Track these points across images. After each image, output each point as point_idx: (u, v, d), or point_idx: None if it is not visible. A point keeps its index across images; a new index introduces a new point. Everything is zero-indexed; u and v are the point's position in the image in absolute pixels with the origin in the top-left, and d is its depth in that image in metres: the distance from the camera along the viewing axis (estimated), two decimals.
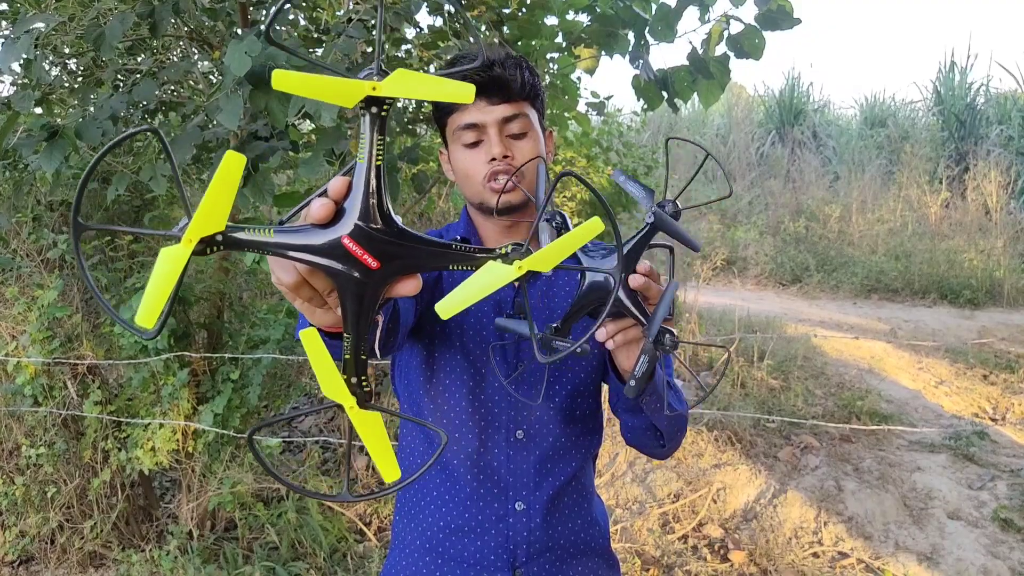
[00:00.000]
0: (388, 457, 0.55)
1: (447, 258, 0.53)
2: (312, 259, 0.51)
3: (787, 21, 1.88)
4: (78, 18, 1.97)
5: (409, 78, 0.48)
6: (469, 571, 1.04)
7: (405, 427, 1.14)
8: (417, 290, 0.55)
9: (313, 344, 0.51)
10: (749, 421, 3.66)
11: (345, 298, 0.52)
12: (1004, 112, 10.18)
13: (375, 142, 0.49)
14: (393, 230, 0.51)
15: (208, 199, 0.46)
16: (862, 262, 7.49)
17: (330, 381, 0.53)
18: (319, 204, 0.50)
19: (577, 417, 1.07)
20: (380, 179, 0.50)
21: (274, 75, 0.46)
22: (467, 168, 1.02)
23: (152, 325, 0.46)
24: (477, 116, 1.00)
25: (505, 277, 0.51)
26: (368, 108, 0.49)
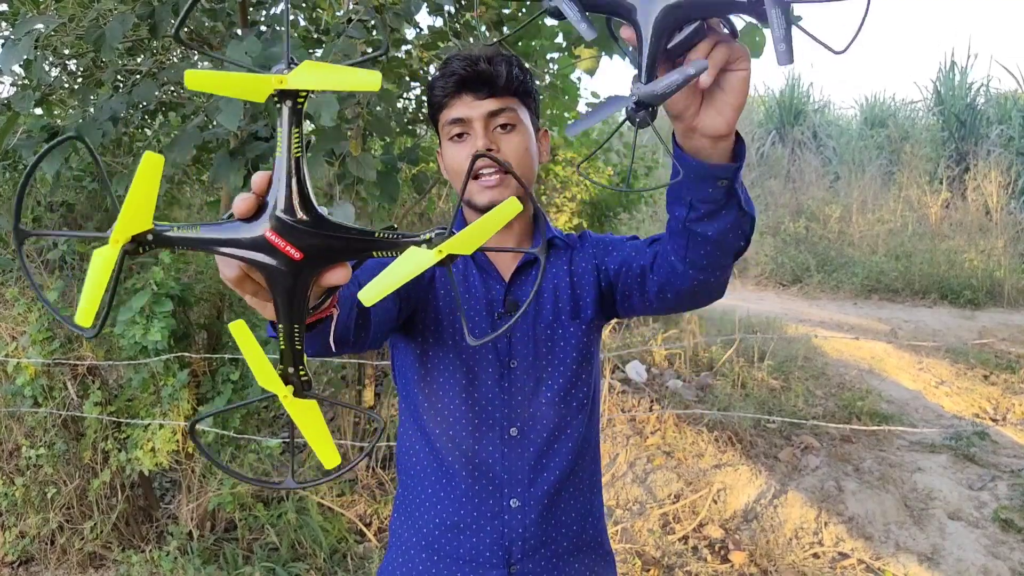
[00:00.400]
0: (326, 444, 0.56)
1: (371, 245, 0.54)
2: (238, 253, 0.52)
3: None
4: (78, 19, 1.97)
5: (316, 69, 0.49)
6: (465, 568, 1.04)
7: (403, 425, 1.14)
8: (346, 279, 0.56)
9: (243, 336, 0.53)
10: (749, 421, 3.66)
11: (274, 290, 0.53)
12: (1004, 112, 10.18)
13: (292, 134, 0.50)
14: (315, 221, 0.52)
15: (130, 200, 0.47)
16: (862, 262, 7.49)
17: (263, 371, 0.54)
18: (241, 199, 0.51)
19: (574, 409, 1.07)
20: (300, 171, 0.51)
21: (186, 75, 0.47)
22: (453, 163, 1.03)
23: (90, 323, 0.48)
24: (463, 111, 1.01)
25: (426, 262, 0.52)
26: (283, 101, 0.50)
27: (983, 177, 8.55)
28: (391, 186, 2.02)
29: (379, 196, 2.05)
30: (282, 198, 0.51)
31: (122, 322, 2.37)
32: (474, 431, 1.04)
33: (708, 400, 3.97)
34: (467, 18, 2.34)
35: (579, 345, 1.07)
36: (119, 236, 0.48)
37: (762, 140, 11.86)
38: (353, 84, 0.49)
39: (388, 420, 3.14)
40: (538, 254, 0.57)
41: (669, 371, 4.38)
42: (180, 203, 3.24)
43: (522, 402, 1.05)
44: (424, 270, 0.52)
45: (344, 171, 1.85)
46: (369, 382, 3.34)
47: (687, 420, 3.66)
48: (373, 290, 0.52)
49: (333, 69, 0.49)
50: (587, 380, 1.09)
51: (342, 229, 0.53)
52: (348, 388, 3.22)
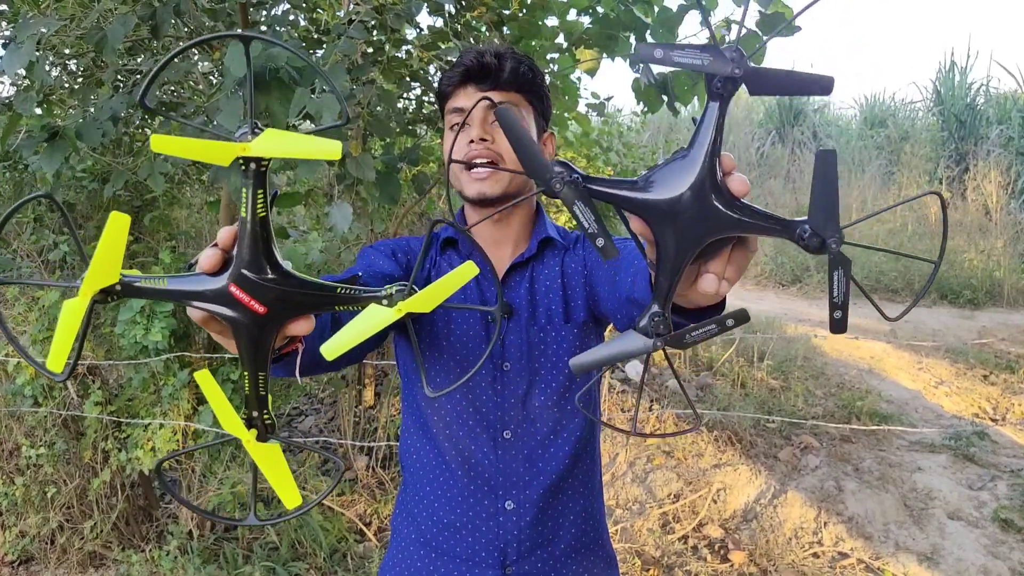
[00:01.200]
0: (288, 486, 0.59)
1: (333, 301, 0.56)
2: (204, 306, 0.54)
3: (787, 28, 1.89)
4: (78, 19, 1.97)
5: (278, 137, 0.51)
6: (461, 566, 1.05)
7: (405, 423, 1.15)
8: (309, 329, 0.57)
9: (208, 384, 0.55)
10: (749, 421, 3.66)
11: (238, 340, 0.56)
12: (1004, 112, 10.18)
13: (256, 197, 0.52)
14: (279, 277, 0.54)
15: (98, 257, 0.50)
16: (862, 262, 7.49)
17: (226, 417, 0.56)
18: (207, 255, 0.53)
19: (568, 412, 1.07)
20: (266, 229, 0.53)
21: (152, 139, 0.50)
22: (445, 149, 1.07)
23: (60, 369, 0.51)
24: (464, 101, 1.03)
25: (385, 319, 0.54)
26: (247, 165, 0.52)
27: (983, 177, 8.55)
28: (391, 186, 2.02)
29: (379, 196, 2.05)
30: (247, 255, 0.53)
31: (123, 322, 2.37)
32: (469, 432, 1.05)
33: (708, 400, 3.97)
34: (467, 18, 2.34)
35: (572, 348, 1.06)
36: (88, 288, 0.51)
37: (762, 140, 11.87)
38: (314, 153, 0.51)
39: (387, 420, 3.14)
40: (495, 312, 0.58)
41: (669, 370, 4.39)
42: (180, 203, 3.25)
43: (515, 405, 1.05)
44: (383, 328, 0.54)
45: (344, 171, 1.85)
46: (369, 382, 3.34)
47: (687, 420, 3.67)
48: (334, 345, 0.55)
49: (295, 138, 0.51)
50: (581, 383, 1.08)
51: (304, 284, 0.55)
52: (348, 388, 3.22)
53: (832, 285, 0.54)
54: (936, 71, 11.99)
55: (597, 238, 0.53)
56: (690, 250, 0.54)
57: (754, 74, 0.50)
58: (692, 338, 0.55)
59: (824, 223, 0.53)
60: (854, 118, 12.59)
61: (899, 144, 10.22)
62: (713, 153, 0.52)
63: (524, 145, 0.54)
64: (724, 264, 0.57)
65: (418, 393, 1.09)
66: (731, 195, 0.53)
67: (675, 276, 0.54)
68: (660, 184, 0.53)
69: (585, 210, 0.53)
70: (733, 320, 0.55)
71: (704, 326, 0.55)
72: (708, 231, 0.53)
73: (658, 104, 2.28)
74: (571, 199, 0.53)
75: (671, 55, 0.51)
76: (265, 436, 0.58)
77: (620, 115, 6.62)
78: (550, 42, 2.46)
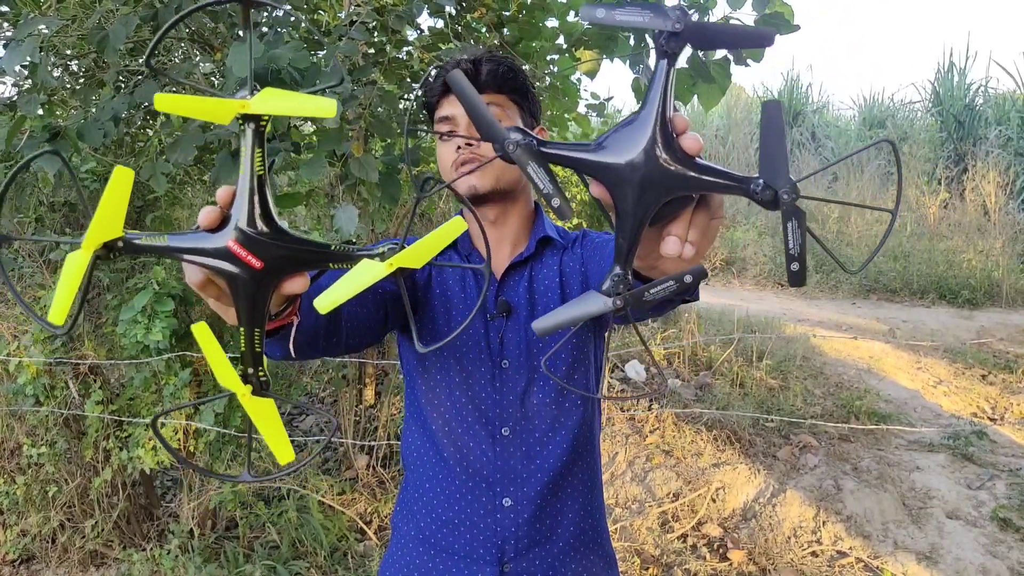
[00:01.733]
0: (282, 441, 0.60)
1: (328, 257, 0.58)
2: (203, 261, 0.56)
3: (785, 27, 1.89)
4: (80, 20, 1.98)
5: (276, 96, 0.53)
6: (460, 563, 1.05)
7: (407, 420, 1.16)
8: (304, 288, 0.59)
9: (205, 337, 0.57)
10: (748, 420, 3.67)
11: (236, 296, 0.57)
12: (1003, 113, 10.20)
13: (255, 154, 0.54)
14: (275, 233, 0.56)
15: (101, 210, 0.51)
16: (861, 262, 7.51)
17: (223, 371, 0.58)
18: (206, 212, 0.55)
19: (567, 410, 1.08)
20: (262, 187, 0.55)
21: (155, 98, 0.51)
22: (440, 158, 1.07)
23: (62, 322, 0.52)
24: (449, 109, 1.05)
25: (377, 274, 0.56)
26: (246, 124, 0.54)
27: (981, 177, 8.57)
28: (393, 187, 2.03)
29: (381, 197, 2.06)
30: (244, 212, 0.55)
31: (124, 321, 2.38)
32: (468, 429, 1.06)
33: (707, 399, 3.98)
34: (468, 20, 2.35)
35: (570, 346, 1.07)
36: (90, 242, 0.52)
37: None
38: (310, 111, 0.53)
39: (388, 419, 3.15)
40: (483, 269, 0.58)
41: (668, 370, 4.40)
42: (182, 203, 3.25)
43: (514, 402, 1.06)
44: (376, 281, 0.56)
45: (346, 172, 1.86)
46: (370, 381, 3.35)
47: (686, 419, 3.68)
48: (327, 298, 0.56)
49: (292, 96, 0.53)
50: (581, 381, 1.09)
51: (300, 241, 0.57)
52: (349, 387, 3.23)
53: (787, 237, 0.54)
54: (935, 71, 12.01)
55: (552, 198, 0.54)
56: (647, 210, 0.54)
57: (696, 28, 0.50)
58: (651, 295, 0.55)
59: (775, 175, 0.52)
60: (853, 118, 12.61)
61: (898, 145, 10.23)
62: (664, 111, 0.52)
63: (477, 110, 0.55)
64: (686, 226, 0.57)
65: (419, 391, 1.10)
66: (684, 154, 0.53)
67: (634, 237, 0.55)
68: (614, 146, 0.54)
69: (539, 171, 0.54)
70: (691, 276, 0.54)
71: (662, 283, 0.55)
72: (663, 190, 0.53)
73: None
74: (524, 161, 0.54)
75: (613, 14, 0.51)
76: (261, 392, 0.60)
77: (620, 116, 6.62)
78: (550, 43, 2.47)
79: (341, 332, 0.93)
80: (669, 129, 0.53)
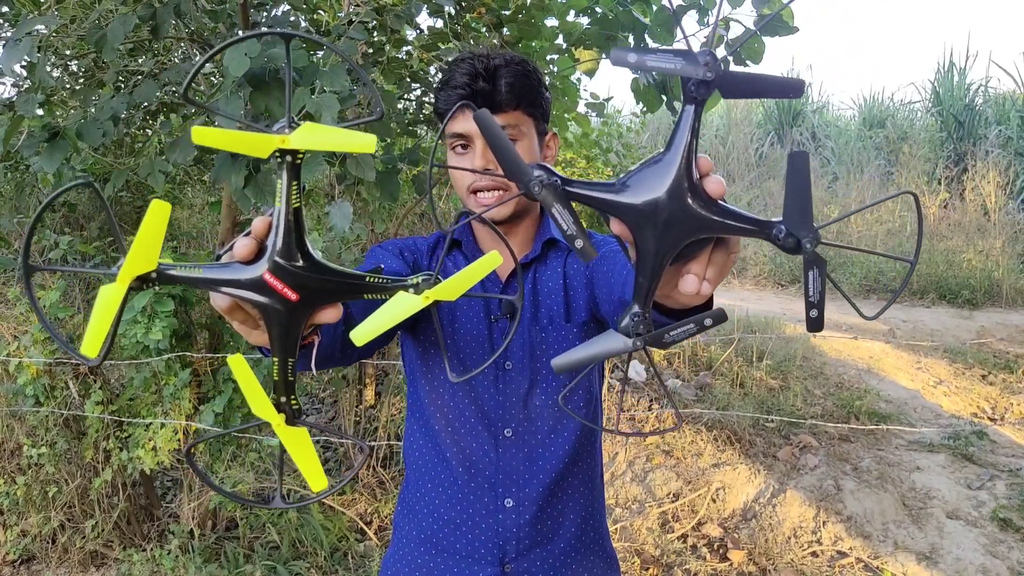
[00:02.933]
0: (315, 469, 0.61)
1: (362, 289, 0.59)
2: (238, 293, 0.56)
3: (784, 29, 1.90)
4: (79, 20, 1.98)
5: (316, 131, 0.53)
6: (461, 563, 1.06)
7: (409, 420, 1.16)
8: (337, 317, 0.60)
9: (240, 369, 0.57)
10: (748, 421, 3.67)
11: (270, 326, 0.57)
12: (1003, 112, 10.20)
13: (291, 188, 0.55)
14: (311, 265, 0.56)
15: (138, 243, 0.51)
16: (861, 262, 7.51)
17: (258, 401, 0.58)
18: (242, 244, 0.55)
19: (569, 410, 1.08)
20: (299, 219, 0.56)
21: (193, 131, 0.51)
22: (455, 175, 1.06)
23: (95, 355, 0.52)
24: (464, 126, 1.02)
25: (413, 307, 0.57)
26: (283, 158, 0.54)
27: (981, 178, 8.57)
28: (392, 186, 2.03)
29: (379, 196, 2.06)
30: (280, 244, 0.55)
31: (124, 321, 2.38)
32: (471, 430, 1.06)
33: (707, 399, 3.98)
34: (467, 19, 2.35)
35: (573, 348, 1.07)
36: (126, 275, 0.52)
37: (761, 141, 11.88)
38: (350, 146, 0.53)
39: (388, 419, 3.15)
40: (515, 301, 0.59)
41: (668, 370, 4.40)
42: (182, 204, 3.25)
43: (516, 403, 1.06)
44: (413, 313, 0.56)
45: (344, 171, 1.86)
46: (370, 381, 3.35)
47: (686, 419, 3.68)
48: (364, 330, 0.57)
49: (331, 131, 0.54)
50: (583, 383, 1.09)
51: (336, 273, 0.58)
52: (349, 388, 3.23)
53: (808, 284, 0.55)
54: (935, 71, 12.00)
55: (576, 240, 0.54)
56: (669, 251, 0.54)
57: (726, 77, 0.51)
58: (671, 337, 0.56)
59: (798, 223, 0.53)
60: (853, 118, 12.61)
61: (898, 144, 10.23)
62: (689, 155, 0.53)
63: (504, 150, 0.55)
64: (704, 265, 0.58)
65: (421, 391, 1.10)
66: (708, 196, 0.53)
67: (655, 277, 0.55)
68: (637, 186, 0.54)
69: (564, 212, 0.54)
70: (711, 320, 0.55)
71: (683, 325, 0.56)
72: (685, 232, 0.54)
73: (657, 104, 2.29)
74: (550, 202, 0.54)
75: (644, 59, 0.51)
76: (293, 420, 0.60)
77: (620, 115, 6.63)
78: (549, 43, 2.48)
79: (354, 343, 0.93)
80: (694, 172, 0.53)
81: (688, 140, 0.52)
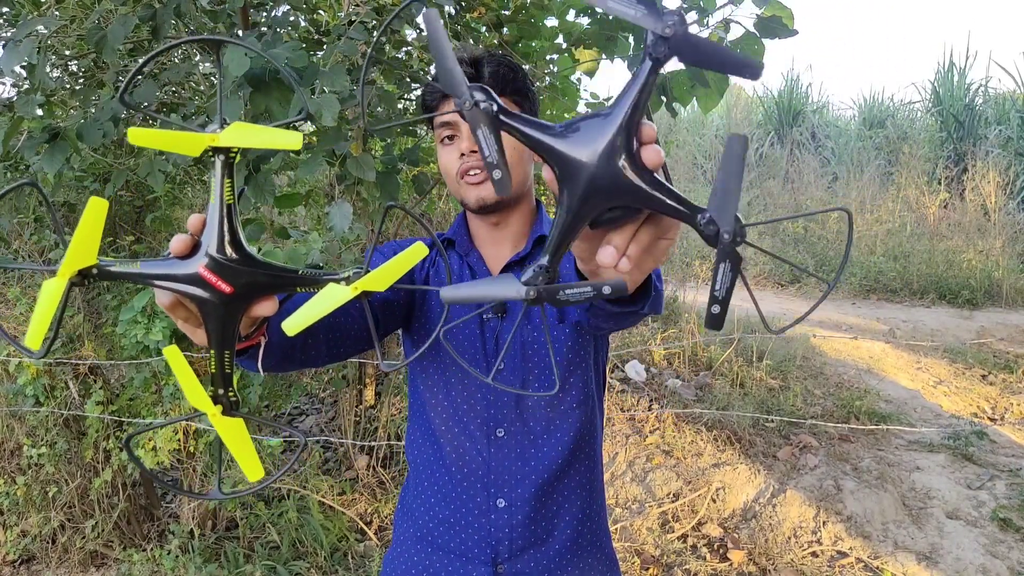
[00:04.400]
0: (251, 459, 0.63)
1: (295, 281, 0.61)
2: (175, 287, 0.58)
3: (784, 31, 1.90)
4: (79, 20, 1.98)
5: (245, 129, 0.56)
6: (455, 561, 1.06)
7: (410, 419, 1.17)
8: (273, 311, 0.62)
9: (176, 360, 0.59)
10: (748, 421, 3.67)
11: (207, 320, 0.60)
12: (1003, 112, 10.20)
13: (223, 184, 0.57)
14: (244, 259, 0.59)
15: (77, 239, 0.53)
16: (861, 262, 7.51)
17: (193, 392, 0.60)
18: (178, 240, 0.58)
19: (562, 412, 1.08)
20: (232, 215, 0.58)
21: (129, 132, 0.54)
22: (443, 165, 1.06)
23: (38, 347, 0.54)
24: (450, 116, 1.03)
25: (342, 297, 0.58)
26: (216, 156, 0.57)
27: (981, 177, 8.56)
28: (391, 186, 2.03)
29: (379, 196, 2.06)
30: (215, 239, 0.58)
31: (124, 322, 2.38)
32: (464, 429, 1.07)
33: (707, 399, 3.98)
34: (467, 19, 2.35)
35: (565, 348, 1.07)
36: (66, 270, 0.54)
37: (761, 141, 11.88)
38: (276, 143, 0.56)
39: (388, 419, 3.15)
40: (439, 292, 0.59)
41: (668, 370, 4.39)
42: (182, 203, 3.25)
43: (509, 403, 1.06)
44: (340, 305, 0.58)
45: (344, 171, 1.86)
46: (370, 381, 3.35)
47: (686, 419, 3.68)
48: (294, 321, 0.59)
49: (259, 130, 0.56)
50: (578, 383, 1.09)
51: (268, 267, 0.60)
52: (349, 387, 3.23)
53: (716, 278, 0.51)
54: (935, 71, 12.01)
55: (494, 169, 0.51)
56: (588, 211, 0.51)
57: (685, 39, 0.46)
58: (565, 295, 0.53)
59: (721, 212, 0.49)
60: (853, 119, 12.61)
61: (898, 145, 10.23)
62: (633, 115, 0.49)
63: (443, 60, 0.51)
64: (627, 239, 0.55)
65: (421, 391, 1.11)
66: (642, 164, 0.50)
67: (568, 233, 0.52)
68: (574, 136, 0.50)
69: (489, 138, 0.51)
70: (610, 288, 0.52)
71: (579, 286, 0.52)
72: (608, 195, 0.50)
73: (657, 105, 2.28)
74: (476, 123, 0.51)
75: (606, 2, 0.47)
76: (230, 411, 0.62)
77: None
78: (549, 43, 2.48)
79: (320, 344, 0.94)
80: (633, 135, 0.50)
81: (635, 98, 0.49)
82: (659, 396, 4.01)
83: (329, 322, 0.95)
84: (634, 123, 0.49)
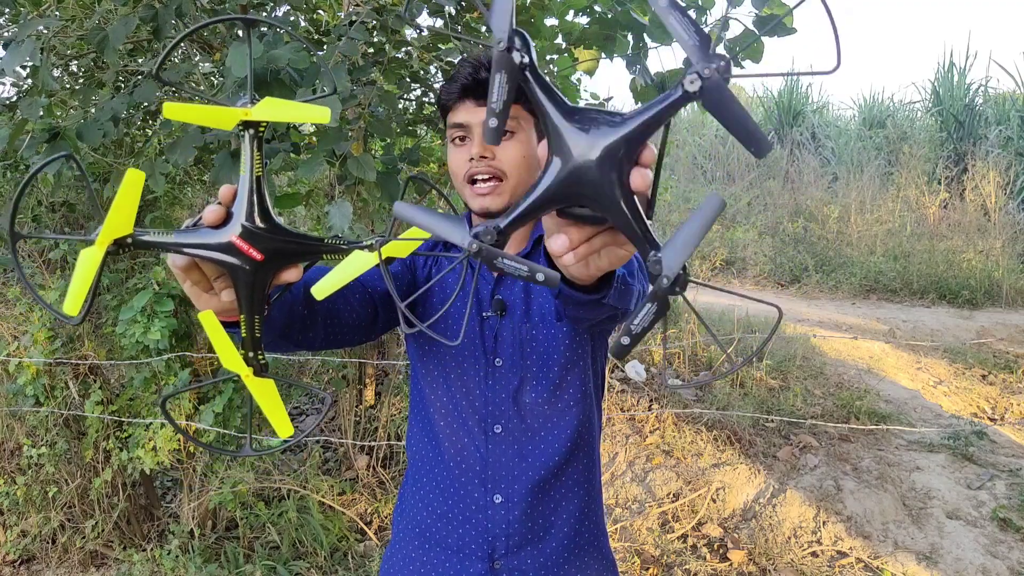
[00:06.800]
0: (282, 417, 0.66)
1: (322, 249, 0.65)
2: (209, 255, 0.61)
3: (783, 30, 1.90)
4: (80, 20, 1.98)
5: (275, 104, 0.59)
6: (452, 557, 1.07)
7: (411, 416, 1.18)
8: (298, 277, 0.65)
9: (210, 323, 0.62)
10: (748, 421, 3.67)
11: (238, 286, 0.63)
12: (1003, 112, 10.19)
13: (254, 157, 0.60)
14: (274, 228, 0.62)
15: (115, 209, 0.56)
16: (861, 262, 7.51)
17: (227, 354, 0.63)
18: (211, 210, 0.60)
19: (560, 409, 1.08)
20: (261, 186, 0.61)
21: (164, 107, 0.56)
22: (452, 165, 1.06)
23: (76, 312, 0.56)
24: (464, 116, 1.03)
25: (368, 262, 0.62)
26: (246, 130, 0.60)
27: (981, 177, 8.56)
28: (392, 186, 2.03)
29: (380, 196, 2.06)
30: (245, 209, 0.61)
31: (123, 321, 2.38)
32: (462, 425, 1.07)
33: (707, 399, 3.98)
34: (467, 20, 2.35)
35: (563, 347, 1.07)
36: (104, 239, 0.57)
37: None
38: (307, 117, 0.59)
39: (388, 419, 3.15)
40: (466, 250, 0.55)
41: (668, 370, 4.39)
42: (182, 203, 3.26)
43: (506, 400, 1.07)
44: (367, 269, 0.62)
45: (345, 171, 1.86)
46: (370, 381, 3.35)
47: (686, 419, 3.68)
48: (323, 284, 0.63)
49: (289, 104, 0.59)
50: (575, 381, 1.09)
51: (296, 235, 0.63)
52: (349, 387, 3.23)
53: (638, 314, 0.51)
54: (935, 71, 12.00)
55: (491, 116, 0.50)
56: (561, 197, 0.51)
57: (719, 87, 0.45)
58: (502, 263, 0.52)
59: (672, 258, 0.50)
60: (853, 118, 12.60)
61: (898, 145, 10.23)
62: (644, 132, 0.48)
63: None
64: (583, 236, 0.55)
65: (422, 387, 1.11)
66: (626, 182, 0.50)
67: (533, 210, 0.52)
68: (583, 125, 0.50)
69: (504, 86, 0.49)
70: (543, 276, 0.52)
71: (516, 261, 0.52)
72: (584, 194, 0.51)
73: None
74: (500, 66, 0.49)
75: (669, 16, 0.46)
76: (261, 373, 0.65)
77: None
78: (549, 42, 2.47)
79: (318, 326, 0.95)
80: (633, 152, 0.49)
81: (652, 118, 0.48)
82: (659, 396, 4.01)
83: (329, 308, 0.96)
84: (640, 141, 0.49)
